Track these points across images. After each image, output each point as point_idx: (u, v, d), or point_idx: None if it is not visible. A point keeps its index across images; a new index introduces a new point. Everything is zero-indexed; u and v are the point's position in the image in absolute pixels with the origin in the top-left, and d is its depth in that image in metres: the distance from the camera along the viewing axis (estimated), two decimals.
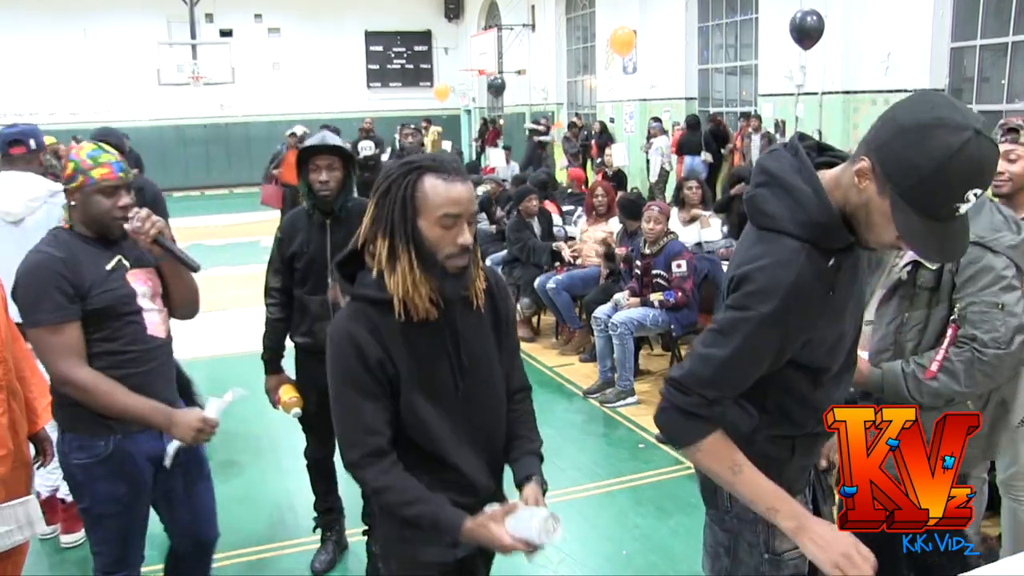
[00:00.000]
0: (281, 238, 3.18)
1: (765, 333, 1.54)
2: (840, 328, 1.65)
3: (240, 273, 9.72)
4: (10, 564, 2.42)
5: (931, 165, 1.36)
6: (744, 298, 1.55)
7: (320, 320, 3.09)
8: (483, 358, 1.86)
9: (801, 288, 1.51)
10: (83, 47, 19.66)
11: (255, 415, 5.21)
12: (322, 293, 3.09)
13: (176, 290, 2.49)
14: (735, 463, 1.61)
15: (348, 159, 3.13)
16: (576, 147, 15.38)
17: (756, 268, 1.55)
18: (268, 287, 3.23)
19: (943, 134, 1.35)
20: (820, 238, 1.53)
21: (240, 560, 3.56)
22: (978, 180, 1.38)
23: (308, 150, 3.09)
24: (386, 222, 1.71)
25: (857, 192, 1.49)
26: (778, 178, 1.59)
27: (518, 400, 2.00)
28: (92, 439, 2.33)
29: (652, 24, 14.97)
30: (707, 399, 1.59)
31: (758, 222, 1.62)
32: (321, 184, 3.04)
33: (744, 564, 1.81)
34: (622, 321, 5.29)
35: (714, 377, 1.59)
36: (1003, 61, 9.49)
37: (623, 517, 3.80)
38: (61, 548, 3.66)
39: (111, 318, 2.32)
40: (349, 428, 1.77)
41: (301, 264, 3.12)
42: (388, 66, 22.96)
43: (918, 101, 1.45)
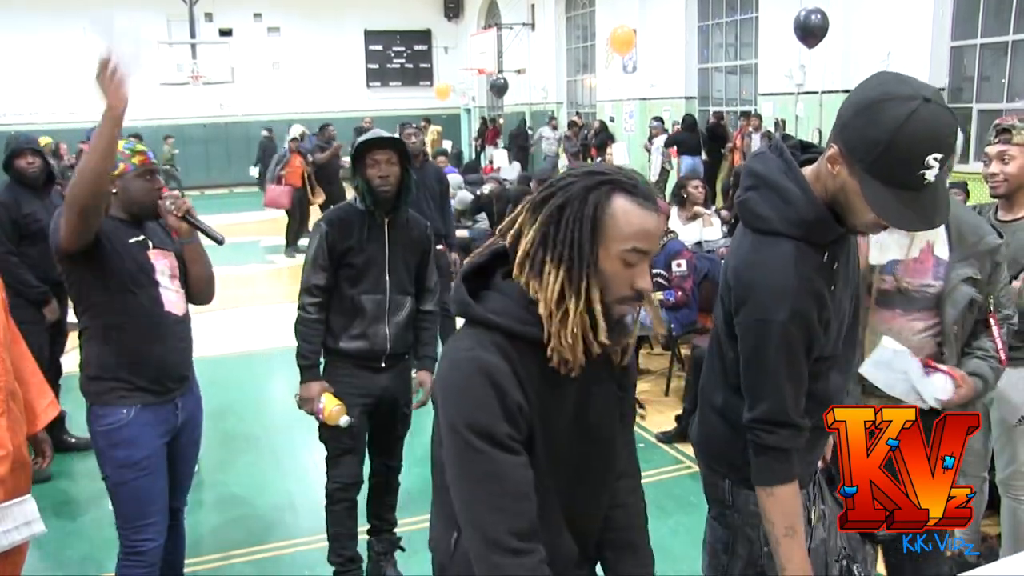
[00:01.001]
0: (329, 231, 2.95)
1: (790, 336, 1.60)
2: (840, 312, 1.72)
3: (240, 273, 9.73)
4: (9, 564, 2.41)
5: (886, 136, 1.45)
6: (758, 311, 1.62)
7: (377, 322, 3.01)
8: (604, 424, 1.53)
9: (805, 286, 1.60)
10: (82, 46, 19.65)
11: (254, 415, 5.23)
12: (380, 293, 3.00)
13: (195, 273, 2.69)
14: (793, 526, 1.65)
15: (405, 154, 2.99)
16: (576, 146, 15.38)
17: (759, 276, 1.62)
18: (309, 285, 2.97)
19: (892, 106, 1.45)
20: (812, 234, 1.61)
21: (240, 560, 3.56)
22: (935, 145, 1.44)
23: (364, 145, 2.95)
24: (563, 247, 1.35)
25: (832, 179, 1.58)
26: (766, 180, 1.66)
27: (627, 490, 1.63)
28: (115, 408, 2.55)
29: (652, 23, 14.96)
30: (790, 426, 1.65)
31: (752, 225, 1.68)
32: (381, 179, 2.91)
33: (741, 559, 1.84)
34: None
35: (779, 397, 1.63)
36: (1003, 60, 9.49)
37: None
38: (61, 549, 3.66)
39: (128, 287, 2.52)
40: (488, 493, 1.33)
41: (359, 260, 2.97)
42: (388, 65, 22.95)
43: (869, 80, 1.54)
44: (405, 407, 3.21)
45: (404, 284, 3.07)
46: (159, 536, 2.63)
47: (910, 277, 2.19)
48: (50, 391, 2.62)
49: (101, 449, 2.60)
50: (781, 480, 1.65)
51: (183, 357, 2.70)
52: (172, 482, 2.76)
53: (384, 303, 3.01)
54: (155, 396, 2.59)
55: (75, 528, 3.85)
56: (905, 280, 2.19)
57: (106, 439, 2.57)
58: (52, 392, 2.63)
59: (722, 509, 1.87)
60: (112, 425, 2.55)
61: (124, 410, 2.55)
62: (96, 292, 2.54)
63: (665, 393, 5.54)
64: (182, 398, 2.70)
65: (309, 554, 3.53)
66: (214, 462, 4.45)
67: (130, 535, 2.60)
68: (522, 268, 1.39)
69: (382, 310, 3.01)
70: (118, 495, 2.60)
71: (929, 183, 1.47)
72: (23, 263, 4.21)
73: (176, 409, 2.68)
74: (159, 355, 2.59)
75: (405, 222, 3.07)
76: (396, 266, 3.03)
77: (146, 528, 2.59)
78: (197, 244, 2.68)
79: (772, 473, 1.65)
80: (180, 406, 2.69)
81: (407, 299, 3.08)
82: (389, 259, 3.01)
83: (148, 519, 2.59)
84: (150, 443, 2.58)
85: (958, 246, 2.18)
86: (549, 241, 1.36)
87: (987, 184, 2.86)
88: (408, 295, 3.08)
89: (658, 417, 5.08)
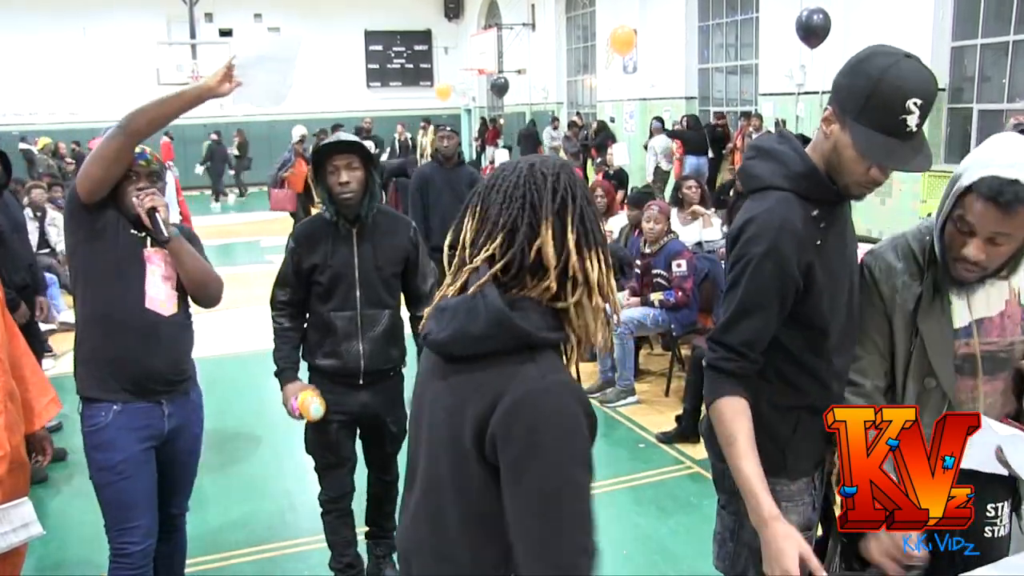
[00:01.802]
0: (296, 248, 2.88)
1: (763, 268, 1.71)
2: (836, 284, 1.80)
3: (239, 273, 9.73)
4: (8, 566, 2.41)
5: (871, 83, 1.62)
6: (741, 248, 1.74)
7: (349, 339, 2.87)
8: None
9: (788, 227, 1.71)
10: (82, 46, 19.66)
11: (254, 415, 5.23)
12: (350, 310, 2.86)
13: (182, 275, 2.62)
14: (731, 434, 1.70)
15: (368, 157, 2.85)
16: (576, 146, 15.38)
17: (748, 220, 1.75)
18: (275, 300, 2.94)
19: (876, 59, 1.65)
20: (802, 187, 1.74)
21: (240, 560, 3.56)
22: (915, 90, 1.60)
23: (323, 150, 2.82)
24: (594, 235, 1.32)
25: (826, 140, 1.73)
26: (764, 149, 1.83)
27: None
28: (96, 407, 2.54)
29: (652, 23, 14.97)
30: (732, 349, 1.74)
31: (748, 185, 1.83)
32: (341, 186, 2.76)
33: (747, 546, 1.84)
34: (622, 321, 5.28)
35: (731, 320, 1.75)
36: (1004, 60, 9.49)
37: (623, 517, 3.79)
38: (59, 551, 3.66)
39: (115, 277, 2.51)
40: (582, 528, 1.25)
41: (324, 278, 2.85)
42: (388, 65, 22.97)
43: (857, 53, 1.72)
44: (393, 425, 3.07)
45: (379, 297, 2.90)
46: (144, 539, 2.59)
47: (996, 336, 1.86)
48: (51, 389, 2.62)
49: (86, 451, 2.59)
50: (720, 394, 1.74)
51: (170, 361, 2.61)
52: (169, 488, 2.74)
53: (355, 319, 2.87)
54: (133, 396, 2.55)
55: (73, 530, 3.84)
56: (991, 339, 1.86)
57: (89, 440, 2.57)
58: (53, 390, 2.63)
59: (729, 497, 1.90)
60: (93, 427, 2.55)
61: (103, 412, 2.54)
62: (86, 281, 2.54)
63: (665, 393, 5.54)
64: (171, 403, 2.63)
65: (309, 555, 3.53)
66: (214, 462, 4.45)
67: (115, 537, 2.59)
68: (542, 272, 1.29)
69: (354, 327, 2.87)
70: (101, 497, 2.59)
71: (911, 131, 1.62)
72: None
73: (163, 415, 2.61)
74: (138, 355, 2.53)
75: (377, 229, 2.89)
76: (368, 279, 2.87)
77: (130, 531, 2.57)
78: (178, 245, 2.57)
79: (718, 387, 1.75)
80: (167, 412, 2.62)
81: (383, 313, 2.91)
82: (359, 272, 2.85)
83: (131, 522, 2.57)
84: (128, 447, 2.54)
85: None
86: (588, 238, 1.30)
87: None
88: (386, 308, 2.92)
89: (658, 417, 5.08)
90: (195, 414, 2.77)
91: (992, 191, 1.63)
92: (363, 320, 2.88)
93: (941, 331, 1.83)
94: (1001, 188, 1.62)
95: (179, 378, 2.65)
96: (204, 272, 2.66)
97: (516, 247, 1.28)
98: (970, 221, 1.70)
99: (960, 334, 1.85)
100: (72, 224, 2.54)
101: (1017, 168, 1.63)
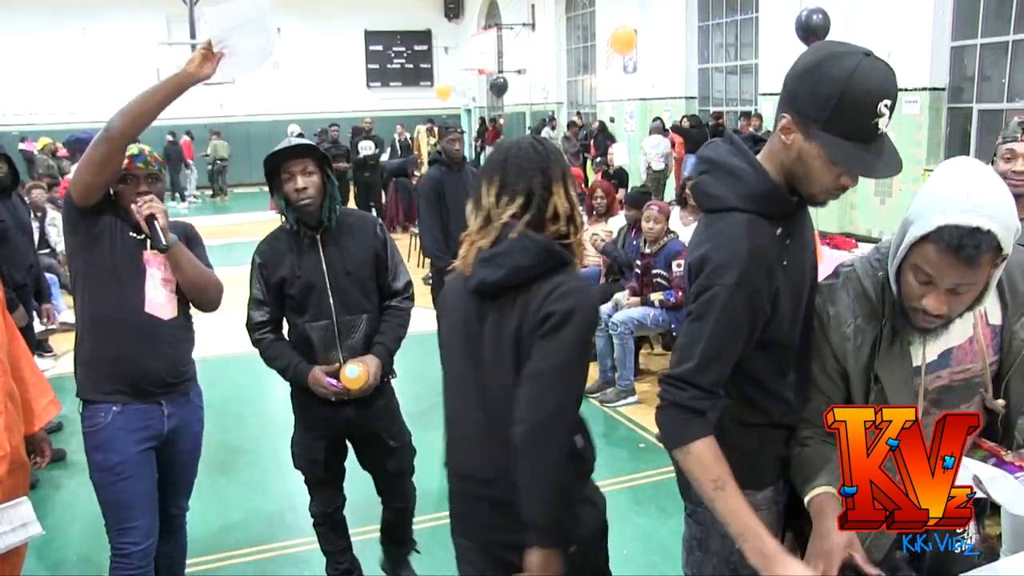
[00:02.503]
0: (262, 263, 2.79)
1: (735, 302, 1.58)
2: (798, 298, 1.71)
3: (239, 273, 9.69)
4: (8, 566, 2.41)
5: (838, 89, 1.49)
6: (707, 278, 1.60)
7: (327, 350, 2.78)
8: None
9: (756, 253, 1.59)
10: (83, 46, 19.66)
11: (255, 415, 5.23)
12: (325, 319, 2.76)
13: (180, 280, 2.61)
14: (719, 478, 1.58)
15: (323, 159, 2.75)
16: (576, 146, 15.38)
17: (712, 248, 1.62)
18: (252, 323, 2.83)
19: (837, 62, 1.51)
20: (764, 207, 1.62)
21: (240, 560, 3.56)
22: (884, 92, 1.50)
23: (273, 158, 2.67)
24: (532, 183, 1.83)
25: (786, 150, 1.60)
26: (717, 162, 1.69)
27: None
28: (95, 407, 2.56)
29: (652, 23, 14.97)
30: (703, 389, 1.60)
31: (705, 205, 1.71)
32: (298, 193, 2.65)
33: (715, 555, 1.81)
34: (622, 321, 5.28)
35: (702, 361, 1.60)
36: (1004, 60, 9.48)
37: (623, 517, 3.79)
38: (59, 550, 3.65)
39: (113, 278, 2.51)
40: (577, 386, 1.80)
41: (295, 291, 2.74)
42: (388, 65, 22.97)
43: (806, 52, 1.62)
44: (391, 440, 2.96)
45: (355, 302, 2.79)
46: (144, 539, 2.60)
47: (969, 362, 1.75)
48: (50, 390, 2.62)
49: (86, 451, 2.61)
50: (694, 436, 1.59)
51: (169, 363, 2.60)
52: (169, 488, 2.75)
53: (332, 328, 2.77)
54: (132, 397, 2.56)
55: (73, 530, 3.84)
56: (963, 367, 1.75)
57: (88, 442, 2.58)
58: (52, 391, 2.63)
59: (695, 507, 1.85)
60: (93, 428, 2.56)
61: (103, 413, 2.55)
62: (85, 283, 2.54)
63: None
64: (171, 404, 2.63)
65: (309, 555, 3.52)
66: (214, 463, 4.44)
67: (115, 538, 2.59)
68: (557, 219, 1.82)
69: (331, 336, 2.77)
70: (101, 498, 2.60)
71: (881, 132, 1.52)
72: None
73: (162, 415, 2.62)
74: (136, 356, 2.54)
75: (342, 232, 2.78)
76: (339, 285, 2.76)
77: (130, 531, 2.57)
78: (177, 252, 2.56)
79: (690, 428, 1.60)
80: (167, 412, 2.63)
81: (360, 318, 2.80)
82: (329, 279, 2.74)
83: (130, 523, 2.57)
84: (125, 448, 2.55)
85: (1010, 300, 1.75)
86: (576, 193, 1.87)
87: (1007, 182, 2.83)
88: (362, 313, 2.81)
89: None
90: (195, 414, 2.76)
91: (952, 243, 1.47)
92: (340, 328, 2.77)
93: (902, 377, 1.71)
94: (961, 240, 1.47)
95: (178, 380, 2.65)
96: (203, 277, 2.65)
97: (534, 205, 1.79)
98: (929, 272, 1.55)
99: (931, 368, 1.73)
100: (70, 228, 2.54)
101: (976, 213, 1.46)
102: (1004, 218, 1.49)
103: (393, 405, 3.00)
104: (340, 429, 2.90)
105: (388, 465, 3.00)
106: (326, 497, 3.01)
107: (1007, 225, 1.49)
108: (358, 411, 2.85)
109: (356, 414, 2.85)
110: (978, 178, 1.53)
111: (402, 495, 3.10)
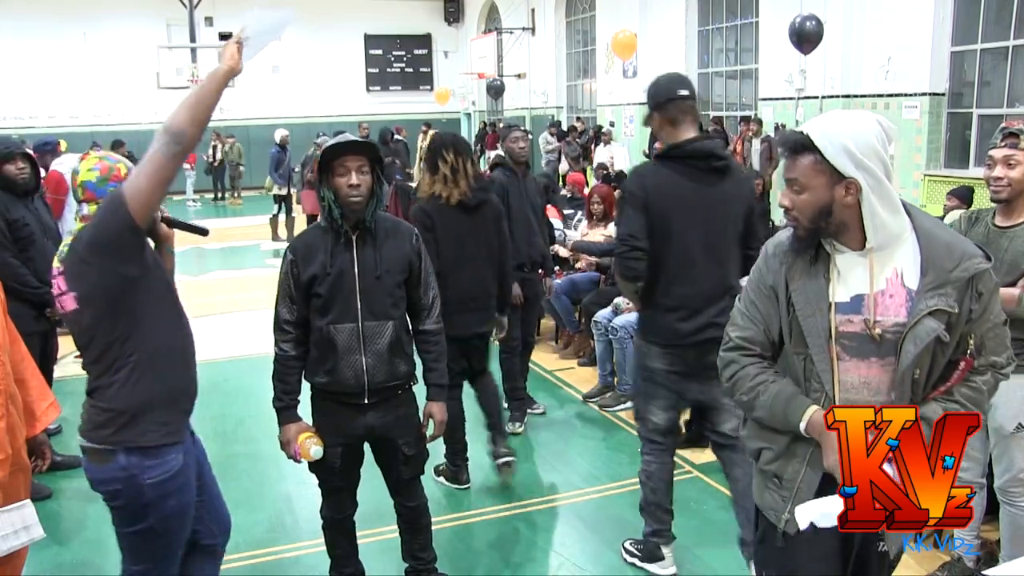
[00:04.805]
0: (294, 260, 2.74)
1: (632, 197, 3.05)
2: (667, 223, 3.00)
3: (239, 276, 9.71)
4: (8, 568, 2.41)
5: (652, 87, 3.07)
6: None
7: (350, 354, 2.72)
8: None
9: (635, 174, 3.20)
10: (83, 50, 19.68)
11: (253, 418, 5.22)
12: (350, 321, 2.71)
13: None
14: None
15: (378, 160, 2.75)
16: (576, 150, 15.40)
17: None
18: (280, 320, 2.78)
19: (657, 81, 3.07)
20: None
21: (240, 564, 3.55)
22: (676, 84, 3.03)
23: (332, 151, 2.67)
24: None
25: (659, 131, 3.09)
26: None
27: None
28: (163, 452, 2.27)
29: (652, 28, 14.99)
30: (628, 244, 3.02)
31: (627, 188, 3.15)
32: (351, 188, 2.63)
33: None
34: (622, 325, 5.28)
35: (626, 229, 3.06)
36: (1004, 65, 9.50)
37: (623, 521, 3.78)
38: (60, 553, 3.65)
39: (170, 305, 2.35)
40: None
41: (324, 289, 2.70)
42: (388, 70, 22.98)
43: None
44: (406, 448, 2.91)
45: (383, 307, 2.76)
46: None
47: (880, 315, 1.83)
48: (51, 393, 2.62)
49: (148, 502, 2.26)
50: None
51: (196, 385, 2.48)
52: (217, 497, 2.63)
53: (356, 332, 2.72)
54: (185, 429, 2.36)
55: (73, 532, 3.84)
56: (875, 319, 1.83)
57: (157, 490, 2.26)
58: (53, 394, 2.63)
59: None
60: (165, 474, 2.27)
61: (173, 455, 2.28)
62: (144, 313, 2.24)
63: None
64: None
65: (309, 558, 3.53)
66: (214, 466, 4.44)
67: None
68: None
69: (355, 339, 2.72)
70: (152, 547, 2.34)
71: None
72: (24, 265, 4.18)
73: (194, 440, 2.47)
74: (192, 383, 2.40)
75: (378, 235, 2.77)
76: (368, 287, 2.73)
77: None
78: (170, 256, 2.49)
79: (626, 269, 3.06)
80: (195, 438, 2.50)
81: (387, 324, 2.76)
82: (360, 281, 2.72)
83: (174, 569, 2.42)
84: (192, 482, 2.38)
85: (929, 271, 1.82)
86: None
87: (988, 188, 2.84)
88: (389, 319, 2.76)
89: None
90: None
91: (779, 142, 1.94)
92: (365, 333, 2.73)
93: (808, 300, 1.86)
94: (785, 138, 1.88)
95: None
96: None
97: None
98: None
99: (841, 308, 1.84)
100: (124, 255, 2.17)
101: (812, 126, 1.82)
102: (832, 134, 1.79)
103: (412, 412, 2.98)
104: (359, 437, 2.90)
105: (401, 472, 2.99)
106: (338, 503, 3.00)
107: (832, 140, 1.78)
108: (379, 419, 2.85)
109: (377, 422, 2.85)
110: (843, 113, 1.87)
111: (415, 494, 3.09)
